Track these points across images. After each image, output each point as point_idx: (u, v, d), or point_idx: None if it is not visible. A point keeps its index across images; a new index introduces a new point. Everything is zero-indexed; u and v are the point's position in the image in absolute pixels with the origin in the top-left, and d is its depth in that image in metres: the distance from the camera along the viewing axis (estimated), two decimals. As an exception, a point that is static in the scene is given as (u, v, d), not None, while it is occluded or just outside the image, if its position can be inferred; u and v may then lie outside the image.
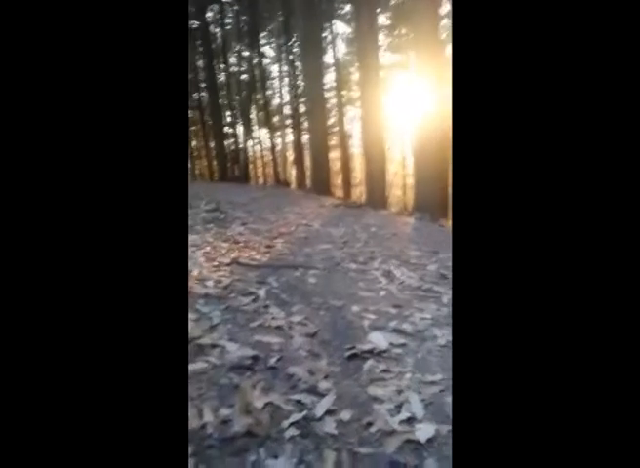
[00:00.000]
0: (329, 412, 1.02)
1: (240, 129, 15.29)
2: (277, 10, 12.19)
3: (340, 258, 2.79)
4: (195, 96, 15.84)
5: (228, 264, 2.40)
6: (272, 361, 1.25)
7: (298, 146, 13.00)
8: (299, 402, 1.05)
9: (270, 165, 15.68)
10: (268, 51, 15.52)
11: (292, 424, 0.96)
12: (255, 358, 1.25)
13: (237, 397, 1.03)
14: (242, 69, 15.21)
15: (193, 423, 0.91)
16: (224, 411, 0.97)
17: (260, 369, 1.21)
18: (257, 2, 13.05)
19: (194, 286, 1.90)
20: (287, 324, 1.56)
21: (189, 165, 16.85)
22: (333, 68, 13.25)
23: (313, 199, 7.67)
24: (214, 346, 1.30)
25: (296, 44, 12.36)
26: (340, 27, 17.87)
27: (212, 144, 15.51)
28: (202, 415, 0.94)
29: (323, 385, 1.14)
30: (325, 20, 12.06)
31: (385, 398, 1.11)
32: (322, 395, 1.10)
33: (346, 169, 12.50)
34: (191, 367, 1.15)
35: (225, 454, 0.84)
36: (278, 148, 14.86)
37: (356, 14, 8.22)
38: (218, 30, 14.84)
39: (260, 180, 16.63)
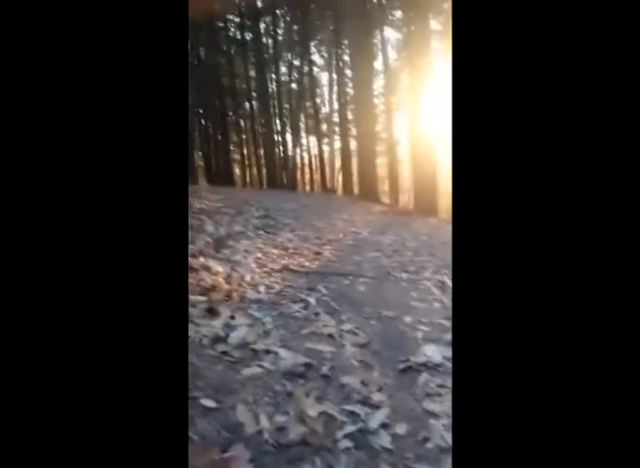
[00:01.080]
0: (383, 425, 1.01)
1: (289, 136, 15.58)
2: (328, 18, 12.35)
3: (390, 267, 2.76)
4: (246, 105, 16.34)
5: (279, 270, 2.44)
6: (325, 369, 1.25)
7: (345, 153, 13.03)
8: (352, 413, 1.04)
9: (318, 172, 15.82)
10: (318, 59, 15.74)
11: (346, 435, 0.95)
12: (307, 365, 1.26)
13: (291, 404, 1.04)
14: (292, 78, 15.52)
15: (250, 428, 0.93)
16: (280, 418, 0.98)
17: (312, 377, 1.21)
18: (309, 11, 13.29)
19: (247, 291, 1.94)
20: (338, 332, 1.56)
21: (238, 171, 17.37)
22: (382, 75, 13.20)
23: (361, 206, 7.65)
24: (267, 352, 1.32)
25: (346, 51, 12.44)
26: (391, 33, 17.81)
27: (261, 152, 15.90)
28: (258, 421, 0.95)
29: (377, 397, 1.13)
30: (375, 27, 12.07)
31: (442, 413, 1.07)
32: (376, 407, 1.08)
33: (394, 175, 12.37)
34: (247, 371, 1.17)
35: (282, 462, 0.85)
36: (326, 155, 14.98)
37: (407, 19, 8.16)
38: (270, 41, 15.25)
39: (308, 187, 16.82)
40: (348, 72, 12.57)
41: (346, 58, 12.64)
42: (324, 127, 15.96)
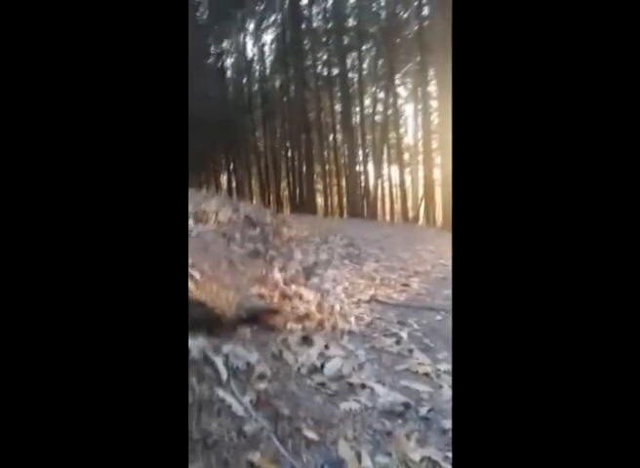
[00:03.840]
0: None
1: (371, 166, 15.74)
2: (414, 51, 12.50)
3: (484, 304, 2.60)
4: (330, 137, 16.90)
5: (367, 301, 2.42)
6: (424, 411, 1.19)
7: (428, 182, 12.80)
8: (459, 462, 0.98)
9: (398, 201, 15.69)
10: (403, 91, 15.89)
11: (454, 487, 0.89)
12: (406, 405, 1.21)
13: (392, 445, 1.00)
14: (376, 110, 15.80)
15: (352, 465, 0.91)
16: (382, 459, 0.95)
17: (411, 417, 1.16)
18: (394, 46, 13.58)
19: (338, 321, 1.95)
20: (435, 372, 1.49)
21: (320, 201, 17.81)
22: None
23: (446, 236, 7.38)
24: (363, 387, 1.30)
25: (431, 82, 12.43)
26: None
27: (343, 182, 16.21)
28: (361, 459, 0.93)
29: (484, 447, 1.05)
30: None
31: None
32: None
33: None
34: (345, 405, 1.16)
35: (388, 507, 0.82)
36: (408, 184, 14.84)
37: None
38: (355, 75, 15.77)
39: (388, 217, 16.70)
40: (433, 102, 12.49)
41: (430, 88, 12.61)
42: (406, 156, 15.91)
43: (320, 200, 18.23)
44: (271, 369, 1.27)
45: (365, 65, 15.78)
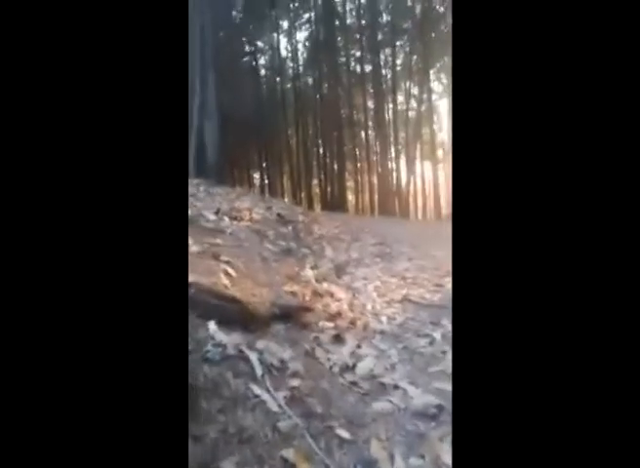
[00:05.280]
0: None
1: (403, 163, 15.54)
2: (449, 46, 12.25)
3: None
4: (362, 134, 16.79)
5: (399, 301, 2.40)
6: (458, 414, 1.18)
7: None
8: None
9: (431, 198, 15.43)
10: (437, 87, 15.59)
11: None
12: (439, 407, 1.19)
13: (426, 447, 0.99)
14: (409, 106, 15.58)
15: (385, 467, 0.91)
16: (415, 461, 0.94)
17: (445, 420, 1.15)
18: (429, 41, 13.34)
19: (370, 320, 1.94)
20: (469, 374, 1.46)
21: (351, 198, 17.74)
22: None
23: (480, 236, 7.19)
24: (396, 387, 1.29)
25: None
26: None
27: (375, 179, 16.10)
28: (394, 461, 0.92)
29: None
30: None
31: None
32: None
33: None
34: (377, 405, 1.16)
35: (421, 510, 0.81)
36: (441, 181, 14.57)
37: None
38: (388, 72, 15.60)
39: (420, 214, 16.45)
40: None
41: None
42: (440, 152, 15.61)
43: (351, 198, 18.17)
44: (304, 366, 1.28)
45: (399, 61, 15.57)
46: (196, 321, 1.25)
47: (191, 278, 1.55)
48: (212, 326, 1.24)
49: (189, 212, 2.70)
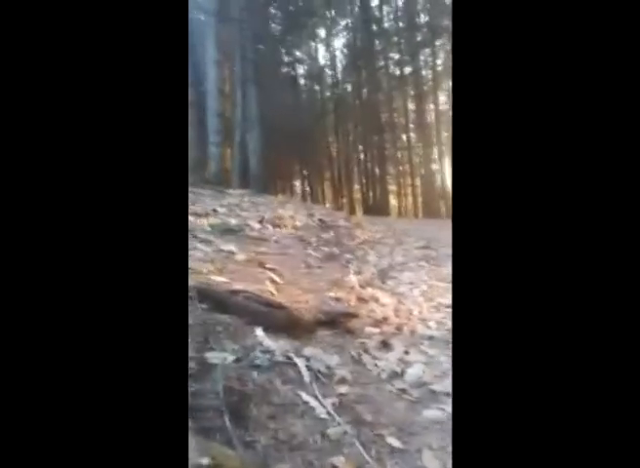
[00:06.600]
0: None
1: (447, 164, 15.18)
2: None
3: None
4: (404, 137, 16.59)
5: (448, 306, 2.33)
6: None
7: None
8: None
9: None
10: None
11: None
12: (494, 417, 1.14)
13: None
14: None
15: (437, 476, 0.88)
16: (470, 473, 0.90)
17: (501, 430, 1.10)
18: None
19: (417, 325, 1.90)
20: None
21: (394, 202, 17.53)
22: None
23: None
24: (447, 395, 1.25)
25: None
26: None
27: (418, 182, 15.84)
28: (447, 470, 0.89)
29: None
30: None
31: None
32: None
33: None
34: (428, 413, 1.13)
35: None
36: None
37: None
38: (429, 72, 15.36)
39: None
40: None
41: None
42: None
43: (394, 201, 17.96)
44: (351, 373, 1.27)
45: (439, 61, 15.29)
46: (244, 328, 1.27)
47: (238, 286, 1.59)
48: (259, 332, 1.26)
49: (234, 221, 2.77)
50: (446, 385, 1.31)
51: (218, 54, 7.35)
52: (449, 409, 1.17)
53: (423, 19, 14.90)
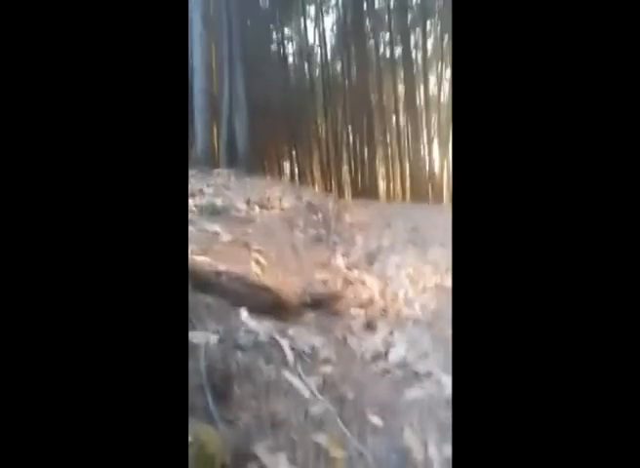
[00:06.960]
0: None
1: (436, 148, 15.17)
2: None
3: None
4: (393, 120, 16.47)
5: (433, 288, 2.35)
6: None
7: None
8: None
9: (466, 184, 15.00)
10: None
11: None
12: (474, 396, 1.17)
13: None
14: (442, 89, 15.12)
15: (418, 455, 0.90)
16: (448, 449, 0.92)
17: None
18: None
19: (402, 307, 1.92)
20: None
21: (383, 185, 17.53)
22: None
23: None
24: (429, 375, 1.27)
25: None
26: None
27: (407, 165, 15.81)
28: (427, 449, 0.91)
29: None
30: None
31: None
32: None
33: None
34: (410, 393, 1.15)
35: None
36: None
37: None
38: (419, 54, 15.17)
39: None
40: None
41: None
42: (474, 137, 15.09)
43: (382, 184, 17.94)
44: (336, 353, 1.28)
45: (430, 43, 15.10)
46: (228, 309, 1.27)
47: (223, 267, 1.57)
48: (244, 313, 1.25)
49: (220, 201, 2.73)
50: (428, 366, 1.34)
51: (204, 29, 7.13)
52: (430, 389, 1.19)
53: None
